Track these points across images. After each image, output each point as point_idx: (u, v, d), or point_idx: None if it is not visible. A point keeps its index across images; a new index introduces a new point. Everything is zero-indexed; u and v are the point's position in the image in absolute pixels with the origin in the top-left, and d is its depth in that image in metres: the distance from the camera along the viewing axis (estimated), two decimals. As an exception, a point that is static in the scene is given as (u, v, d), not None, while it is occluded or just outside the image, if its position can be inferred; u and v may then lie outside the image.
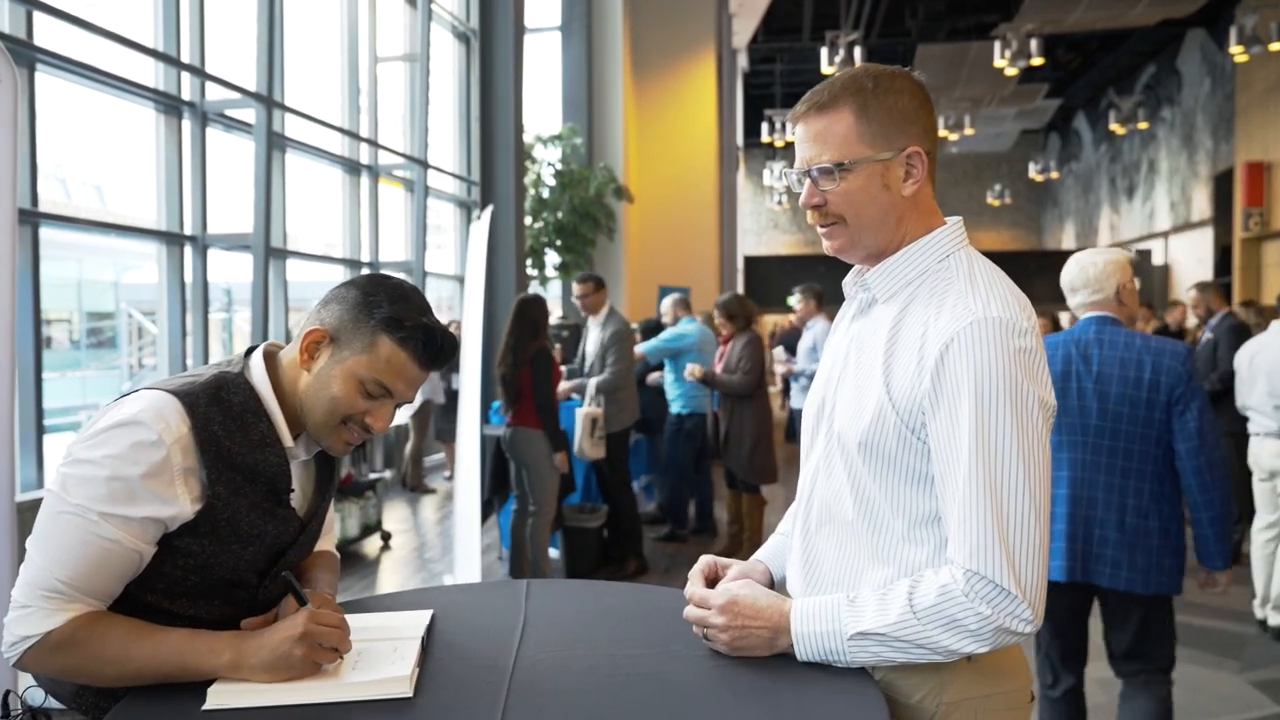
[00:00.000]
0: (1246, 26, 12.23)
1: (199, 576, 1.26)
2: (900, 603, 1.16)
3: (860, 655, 1.18)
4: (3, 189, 2.38)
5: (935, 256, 1.27)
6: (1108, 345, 2.47)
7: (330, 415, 1.29)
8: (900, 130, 1.24)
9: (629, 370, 5.40)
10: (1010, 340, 1.16)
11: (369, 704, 1.12)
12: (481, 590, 1.55)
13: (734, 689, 1.16)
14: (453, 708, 1.09)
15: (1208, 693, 3.69)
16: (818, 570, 1.31)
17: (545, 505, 4.74)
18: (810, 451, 1.37)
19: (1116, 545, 2.45)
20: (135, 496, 1.18)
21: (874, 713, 1.08)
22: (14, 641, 1.19)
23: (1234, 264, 15.78)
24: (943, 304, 1.21)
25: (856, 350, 1.29)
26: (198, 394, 1.25)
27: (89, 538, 1.17)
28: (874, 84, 1.24)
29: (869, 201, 1.25)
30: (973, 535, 1.14)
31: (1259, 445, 4.45)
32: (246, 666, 1.17)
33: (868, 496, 1.24)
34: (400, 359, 1.28)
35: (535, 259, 10.48)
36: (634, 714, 1.08)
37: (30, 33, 5.02)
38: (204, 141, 6.37)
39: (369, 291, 1.29)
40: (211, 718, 1.11)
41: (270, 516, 1.29)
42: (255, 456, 1.27)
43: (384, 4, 9.14)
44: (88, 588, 1.19)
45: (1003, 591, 1.13)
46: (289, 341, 1.37)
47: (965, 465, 1.14)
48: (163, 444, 1.19)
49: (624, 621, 1.38)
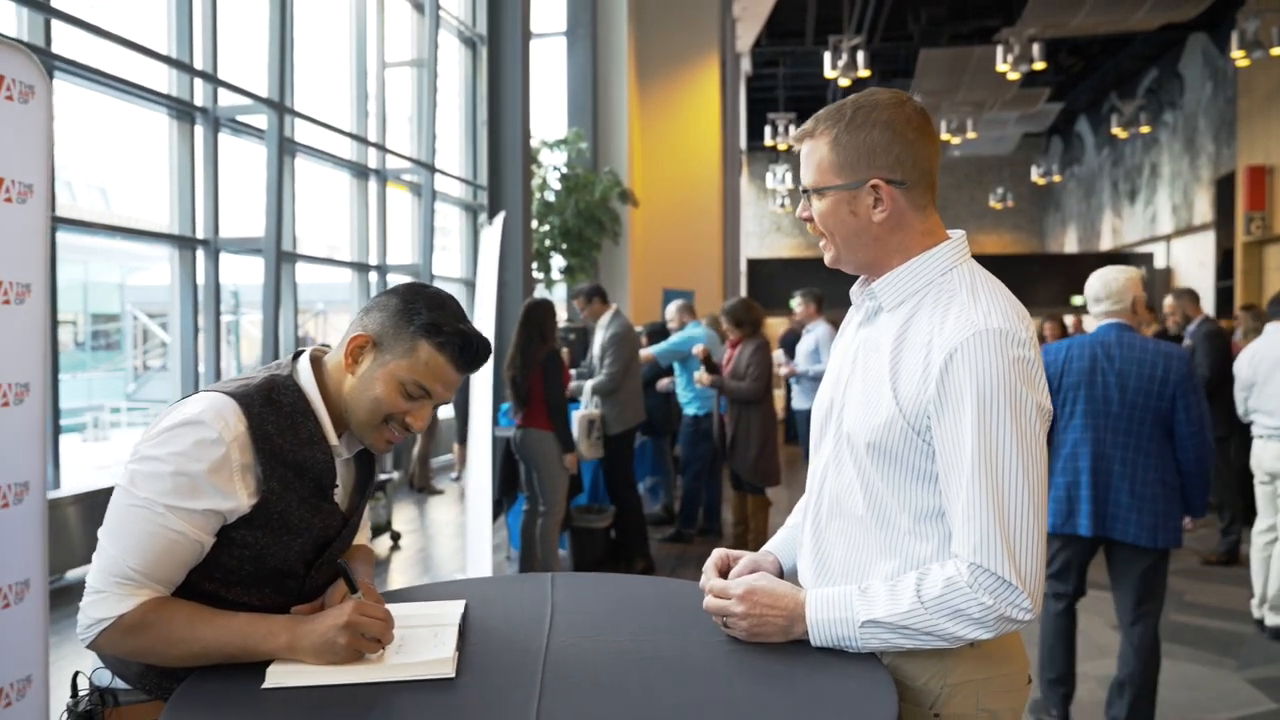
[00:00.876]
0: (1248, 31, 12.29)
1: (253, 566, 1.35)
2: (909, 594, 1.25)
3: (871, 642, 1.27)
4: (37, 195, 2.47)
5: (939, 270, 1.35)
6: (1127, 347, 3.05)
7: (373, 415, 1.37)
8: (865, 163, 1.33)
9: (625, 373, 5.46)
10: (1010, 350, 1.24)
11: (415, 684, 1.20)
12: (509, 582, 1.63)
13: (753, 672, 1.24)
14: (493, 687, 1.17)
15: (1206, 690, 3.76)
16: (828, 562, 1.39)
17: (555, 505, 4.82)
18: (819, 449, 1.45)
19: (1128, 507, 3.04)
20: (198, 491, 1.27)
21: (884, 694, 1.16)
22: (89, 624, 1.27)
23: (1235, 268, 15.83)
24: (947, 314, 1.29)
25: (864, 355, 1.38)
26: (252, 395, 1.34)
27: (156, 529, 1.27)
28: (851, 115, 1.34)
29: (839, 224, 1.36)
30: (976, 531, 1.22)
31: (1263, 447, 4.50)
32: (299, 649, 1.26)
33: (876, 493, 1.32)
34: (439, 362, 1.37)
35: (541, 262, 10.56)
36: (662, 694, 1.16)
37: (49, 41, 5.11)
38: (216, 146, 6.47)
39: (409, 299, 1.38)
40: (271, 695, 1.19)
41: (317, 510, 1.38)
42: (304, 453, 1.36)
43: (392, 9, 9.23)
44: (156, 575, 1.28)
45: (1004, 583, 1.22)
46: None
47: (969, 466, 1.23)
48: (222, 442, 1.28)
49: (646, 611, 1.46)
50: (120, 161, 6.28)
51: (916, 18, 17.30)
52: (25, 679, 2.42)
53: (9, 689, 2.35)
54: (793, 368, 6.70)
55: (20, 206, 2.39)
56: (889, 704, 1.13)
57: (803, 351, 6.73)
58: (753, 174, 27.34)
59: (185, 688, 1.20)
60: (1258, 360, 4.52)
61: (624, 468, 5.55)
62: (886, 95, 1.36)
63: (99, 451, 10.46)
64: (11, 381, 2.35)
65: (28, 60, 2.38)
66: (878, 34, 17.67)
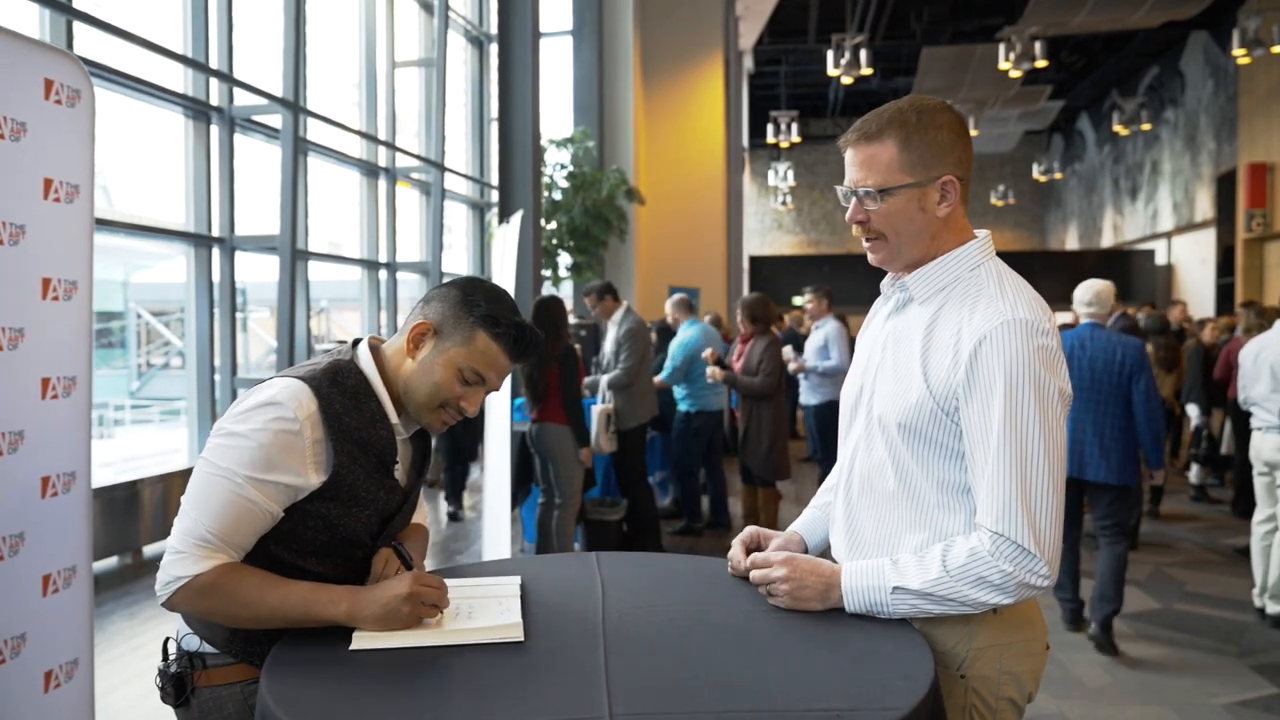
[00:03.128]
0: (1249, 29, 12.38)
1: (326, 536, 1.45)
2: (936, 563, 1.35)
3: (900, 607, 1.37)
4: (82, 198, 2.56)
5: (967, 266, 1.45)
6: (1096, 339, 4.18)
7: (432, 398, 1.47)
8: (938, 161, 1.42)
9: (639, 368, 5.55)
10: (1035, 339, 1.34)
11: (487, 648, 1.29)
12: (556, 560, 1.72)
13: (798, 635, 1.34)
14: (560, 650, 1.26)
15: (1209, 675, 3.86)
16: (859, 535, 1.49)
17: (571, 498, 4.91)
18: (850, 431, 1.55)
19: (1098, 456, 4.12)
20: (273, 465, 1.38)
21: (919, 653, 1.26)
22: (168, 581, 1.37)
23: (1236, 264, 15.92)
24: (975, 306, 1.39)
25: (894, 344, 1.47)
26: (320, 378, 1.44)
27: (234, 497, 1.37)
28: (917, 118, 1.42)
29: (907, 222, 1.43)
30: (999, 503, 1.32)
31: (1260, 439, 4.60)
32: (360, 617, 1.35)
33: (906, 470, 1.42)
34: (494, 351, 1.47)
35: (548, 260, 10.64)
36: (718, 655, 1.25)
37: (70, 43, 5.20)
38: (232, 146, 6.55)
39: (468, 292, 1.49)
40: (356, 658, 1.28)
41: (381, 485, 1.48)
42: (369, 431, 1.45)
43: (401, 10, 9.32)
44: (231, 539, 1.38)
45: (1024, 551, 1.31)
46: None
47: (995, 444, 1.32)
48: (296, 420, 1.39)
49: (690, 584, 1.56)
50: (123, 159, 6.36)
51: (919, 16, 17.38)
52: (73, 662, 2.51)
53: (59, 671, 2.44)
54: (801, 363, 6.78)
55: (68, 206, 2.48)
56: (925, 661, 1.22)
57: (812, 347, 6.81)
58: (755, 171, 27.42)
59: (277, 652, 1.29)
60: (1263, 355, 4.60)
61: (636, 462, 5.63)
62: (934, 100, 1.46)
63: (104, 449, 10.49)
64: (61, 375, 2.44)
65: (75, 66, 2.47)
66: (880, 32, 17.75)
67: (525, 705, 1.10)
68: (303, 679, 1.20)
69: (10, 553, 2.18)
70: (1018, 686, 1.42)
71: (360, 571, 1.49)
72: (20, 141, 2.25)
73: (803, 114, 19.59)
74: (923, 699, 1.11)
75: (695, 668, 1.20)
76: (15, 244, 2.25)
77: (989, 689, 1.40)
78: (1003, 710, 1.41)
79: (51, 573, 2.41)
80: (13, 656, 2.17)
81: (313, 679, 1.21)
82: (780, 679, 1.17)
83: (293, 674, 1.21)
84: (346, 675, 1.21)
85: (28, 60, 2.29)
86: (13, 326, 2.22)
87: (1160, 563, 5.61)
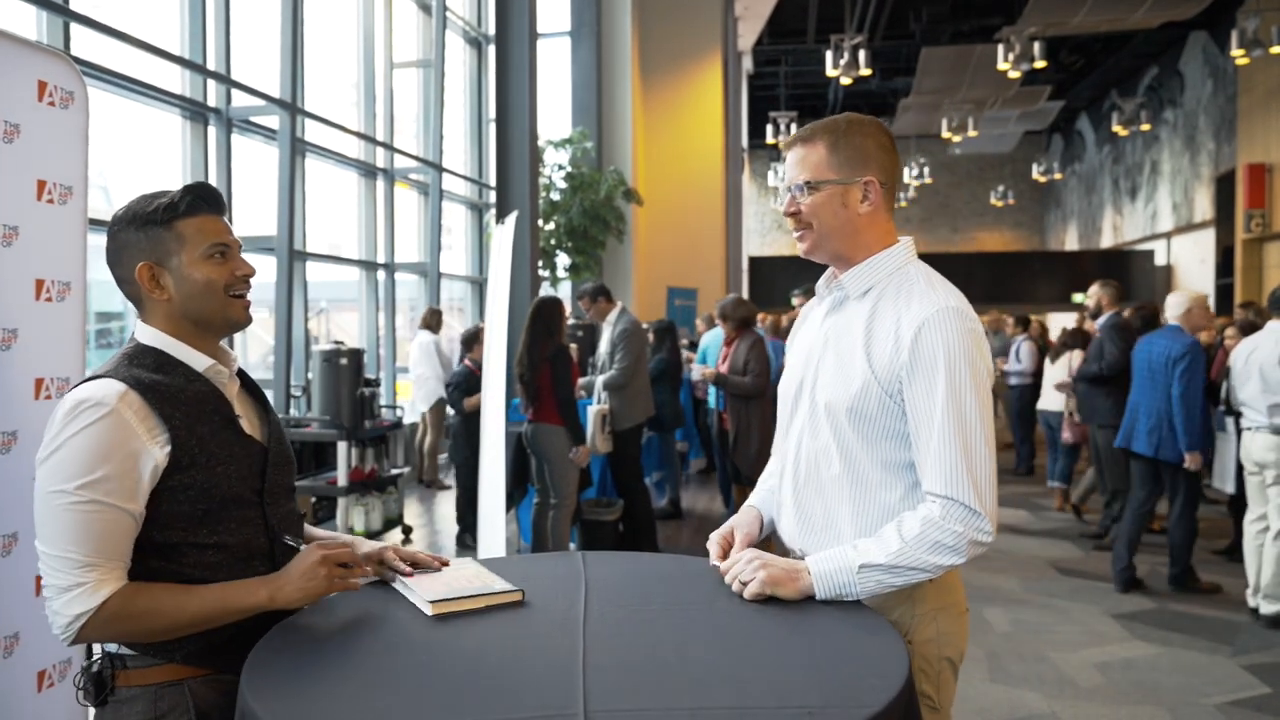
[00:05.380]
0: (1248, 29, 12.37)
1: (205, 503, 1.40)
2: (893, 537, 1.47)
3: (867, 584, 1.47)
4: (76, 199, 2.57)
5: (895, 266, 1.61)
6: (1164, 335, 5.00)
7: (216, 296, 1.45)
8: (861, 164, 1.59)
9: (634, 368, 5.57)
10: (966, 324, 1.51)
11: (465, 643, 1.30)
12: (544, 559, 1.74)
13: (775, 633, 1.35)
14: (539, 647, 1.28)
15: (1202, 675, 3.87)
16: (808, 516, 1.61)
17: (566, 498, 4.92)
18: (792, 421, 1.68)
19: (1143, 432, 5.00)
20: (103, 458, 1.31)
21: (893, 651, 1.27)
22: (69, 623, 1.31)
23: (1236, 265, 15.92)
24: (910, 299, 1.54)
25: (835, 338, 1.62)
26: (115, 368, 1.40)
27: (81, 512, 1.30)
28: (846, 126, 1.60)
29: (831, 215, 1.60)
30: (946, 470, 1.46)
31: (1250, 439, 4.61)
32: (282, 597, 1.38)
33: (850, 452, 1.55)
34: (200, 221, 1.44)
35: (546, 260, 10.65)
36: (697, 651, 1.26)
37: (67, 44, 5.22)
38: (230, 147, 6.57)
39: (130, 216, 1.45)
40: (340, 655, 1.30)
41: (234, 439, 1.44)
42: (189, 390, 1.42)
43: (399, 10, 9.33)
44: (109, 554, 1.33)
45: (972, 511, 1.45)
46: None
47: (939, 417, 1.47)
48: (108, 404, 1.33)
49: (673, 583, 1.58)
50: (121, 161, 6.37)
51: (918, 16, 17.38)
52: (66, 661, 2.52)
53: (52, 671, 2.45)
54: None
55: (61, 208, 2.49)
56: (900, 659, 1.24)
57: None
58: (754, 172, 27.43)
59: (257, 652, 1.29)
60: (1253, 356, 4.61)
61: (632, 462, 5.65)
62: (867, 117, 1.64)
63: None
64: (54, 375, 2.45)
65: (68, 67, 2.48)
66: (879, 32, 17.76)
67: (501, 700, 1.12)
68: (281, 677, 1.21)
69: (3, 552, 2.19)
70: (954, 646, 1.58)
71: (264, 536, 1.47)
72: (13, 143, 2.27)
73: (802, 114, 19.57)
74: (896, 696, 1.12)
75: (672, 664, 1.21)
76: (9, 245, 2.26)
77: (931, 651, 1.55)
78: (943, 670, 1.56)
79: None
80: (6, 656, 2.18)
81: (291, 677, 1.22)
82: (755, 675, 1.18)
83: (271, 672, 1.22)
84: (324, 673, 1.22)
85: (21, 61, 2.30)
86: (6, 327, 2.23)
87: (1156, 563, 5.62)
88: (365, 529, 5.73)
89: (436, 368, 8.13)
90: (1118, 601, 4.90)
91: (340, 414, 5.60)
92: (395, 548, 1.60)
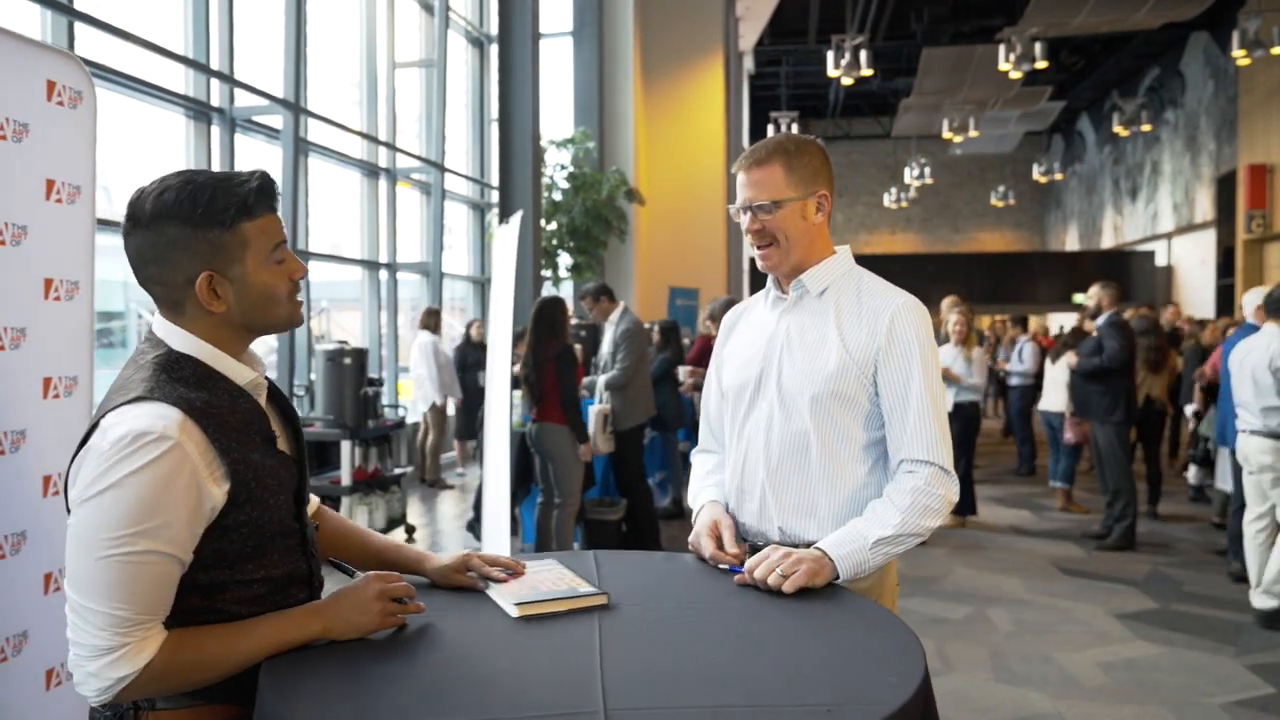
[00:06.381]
0: (1249, 30, 12.38)
1: (255, 540, 1.29)
2: (890, 510, 1.64)
3: (878, 558, 1.62)
4: (84, 198, 2.58)
5: (844, 269, 1.82)
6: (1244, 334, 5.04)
7: (278, 301, 1.32)
8: (813, 180, 1.77)
9: (636, 368, 5.57)
10: (926, 315, 1.75)
11: (482, 641, 1.32)
12: (556, 559, 1.73)
13: (791, 631, 1.36)
14: (556, 646, 1.28)
15: (1206, 675, 3.87)
16: (785, 499, 1.74)
17: (570, 498, 4.93)
18: (749, 413, 1.80)
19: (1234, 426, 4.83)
20: (162, 504, 1.17)
21: (910, 650, 1.27)
22: (108, 686, 1.18)
23: (1236, 266, 15.93)
24: (872, 294, 1.75)
25: (798, 332, 1.77)
26: (159, 386, 1.23)
27: (133, 563, 1.16)
28: (795, 147, 1.77)
29: (794, 228, 1.76)
30: (927, 438, 1.67)
31: (1245, 442, 4.60)
32: (336, 629, 1.29)
33: (826, 433, 1.71)
34: (263, 223, 1.30)
35: (548, 260, 10.65)
36: (713, 649, 1.26)
37: (71, 44, 5.22)
38: (233, 146, 6.57)
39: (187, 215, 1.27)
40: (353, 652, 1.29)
41: (279, 463, 1.33)
42: (237, 412, 1.29)
43: (401, 10, 9.33)
44: (156, 608, 1.20)
45: (949, 474, 1.68)
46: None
47: (916, 394, 1.68)
48: (171, 438, 1.17)
49: (686, 581, 1.59)
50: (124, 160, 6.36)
51: (919, 17, 17.39)
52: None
53: (60, 670, 2.45)
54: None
55: (70, 207, 2.49)
56: (917, 658, 1.24)
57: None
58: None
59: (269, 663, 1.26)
60: (1247, 359, 4.60)
61: (635, 462, 5.65)
62: (805, 137, 1.83)
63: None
64: (62, 374, 2.45)
65: (77, 67, 2.48)
66: (880, 33, 17.77)
67: (520, 699, 1.12)
68: (300, 673, 1.21)
69: (12, 551, 2.19)
70: (895, 606, 1.81)
71: (302, 559, 1.37)
72: (22, 142, 2.27)
73: (803, 115, 19.61)
74: (913, 695, 1.12)
75: (688, 663, 1.21)
76: (17, 244, 2.26)
77: None
78: None
79: (53, 571, 2.42)
80: (14, 655, 2.18)
81: (310, 673, 1.22)
82: (773, 674, 1.18)
83: (290, 669, 1.22)
84: (342, 669, 1.22)
85: (30, 61, 2.30)
86: (14, 326, 2.23)
87: (1158, 562, 5.63)
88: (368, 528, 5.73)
89: (434, 369, 8.10)
90: (1120, 601, 4.90)
91: (344, 414, 5.61)
92: (478, 554, 1.58)
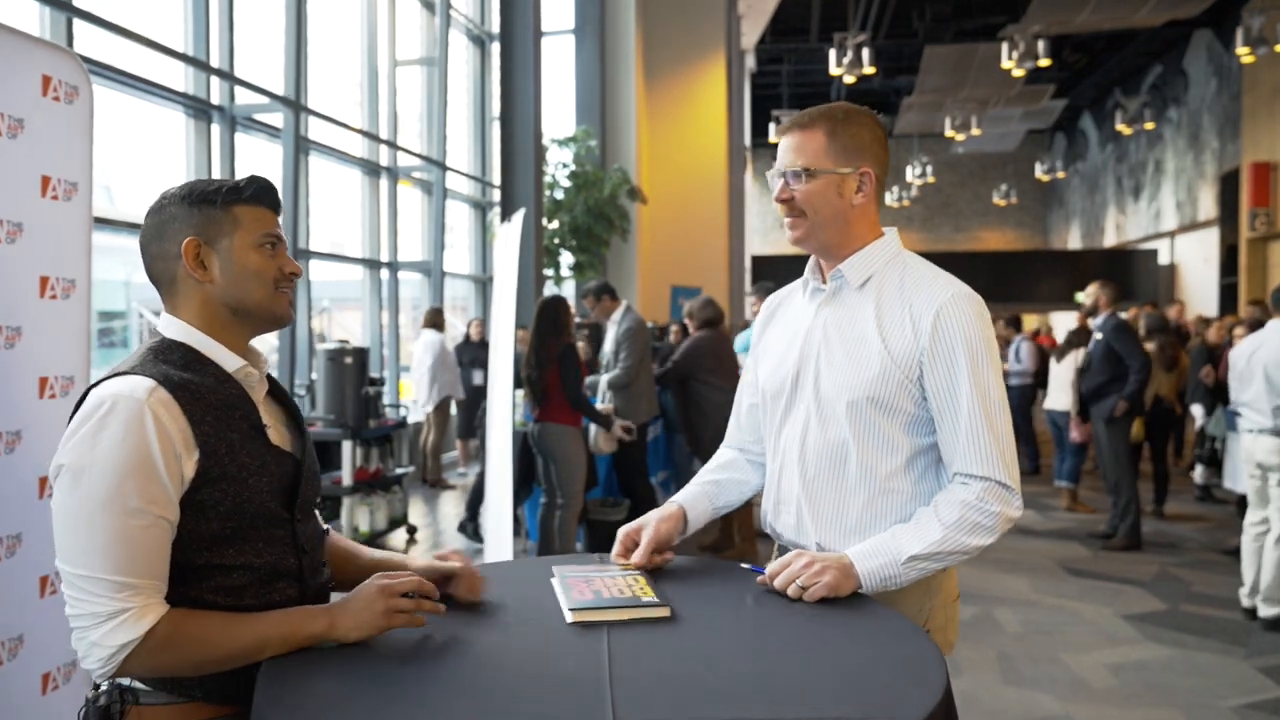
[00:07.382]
0: (1253, 28, 12.33)
1: (235, 520, 1.29)
2: (933, 524, 1.48)
3: (911, 574, 1.48)
4: (80, 195, 2.54)
5: (889, 255, 1.61)
6: None
7: (263, 287, 1.37)
8: (858, 154, 1.57)
9: (639, 367, 5.53)
10: (977, 308, 1.54)
11: (487, 649, 1.27)
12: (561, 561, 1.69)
13: (808, 641, 1.31)
14: (564, 655, 1.24)
15: (1216, 677, 3.83)
16: (820, 509, 1.59)
17: (573, 498, 4.89)
18: (787, 415, 1.65)
19: None
20: (148, 464, 1.20)
21: (931, 660, 1.22)
22: (111, 654, 1.19)
23: (1240, 264, 15.87)
24: (917, 286, 1.55)
25: (836, 329, 1.59)
26: (142, 364, 1.29)
27: (128, 526, 1.19)
28: (844, 115, 1.58)
29: (825, 203, 1.57)
30: (980, 450, 1.49)
31: (1253, 441, 4.52)
32: (341, 626, 1.26)
33: (866, 442, 1.55)
34: (259, 211, 1.38)
35: (550, 259, 10.61)
36: (728, 660, 1.22)
37: (70, 41, 5.18)
38: (233, 145, 6.53)
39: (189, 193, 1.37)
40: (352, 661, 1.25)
41: (263, 450, 1.34)
42: (220, 392, 1.31)
43: (402, 8, 9.29)
44: (155, 573, 1.22)
45: (1007, 489, 1.49)
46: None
47: (965, 400, 1.49)
48: (140, 401, 1.22)
49: (696, 585, 1.54)
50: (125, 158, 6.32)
51: (921, 15, 17.35)
52: (71, 663, 2.49)
53: (56, 673, 2.42)
54: None
55: (66, 204, 2.45)
56: (938, 668, 1.19)
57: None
58: (757, 171, 27.33)
59: (270, 663, 1.23)
60: (1256, 356, 4.53)
61: (638, 461, 5.60)
62: (862, 107, 1.62)
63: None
64: (58, 374, 2.41)
65: (73, 62, 2.44)
66: (882, 31, 17.72)
67: (527, 710, 1.08)
68: (296, 682, 1.17)
69: (8, 554, 2.16)
70: (955, 631, 1.64)
71: (293, 554, 1.36)
72: (18, 138, 2.23)
73: (805, 113, 19.56)
74: (935, 707, 1.08)
75: (701, 674, 1.17)
76: (13, 242, 2.23)
77: (941, 638, 1.58)
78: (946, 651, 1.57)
79: (49, 574, 2.38)
80: (10, 658, 2.14)
81: (307, 682, 1.18)
82: (790, 686, 1.14)
83: (286, 677, 1.18)
84: (341, 678, 1.18)
85: (26, 56, 2.26)
86: (10, 325, 2.20)
87: (1166, 563, 5.59)
88: (370, 529, 5.70)
89: (440, 367, 8.09)
90: (1128, 602, 4.86)
91: (345, 413, 5.57)
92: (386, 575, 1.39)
